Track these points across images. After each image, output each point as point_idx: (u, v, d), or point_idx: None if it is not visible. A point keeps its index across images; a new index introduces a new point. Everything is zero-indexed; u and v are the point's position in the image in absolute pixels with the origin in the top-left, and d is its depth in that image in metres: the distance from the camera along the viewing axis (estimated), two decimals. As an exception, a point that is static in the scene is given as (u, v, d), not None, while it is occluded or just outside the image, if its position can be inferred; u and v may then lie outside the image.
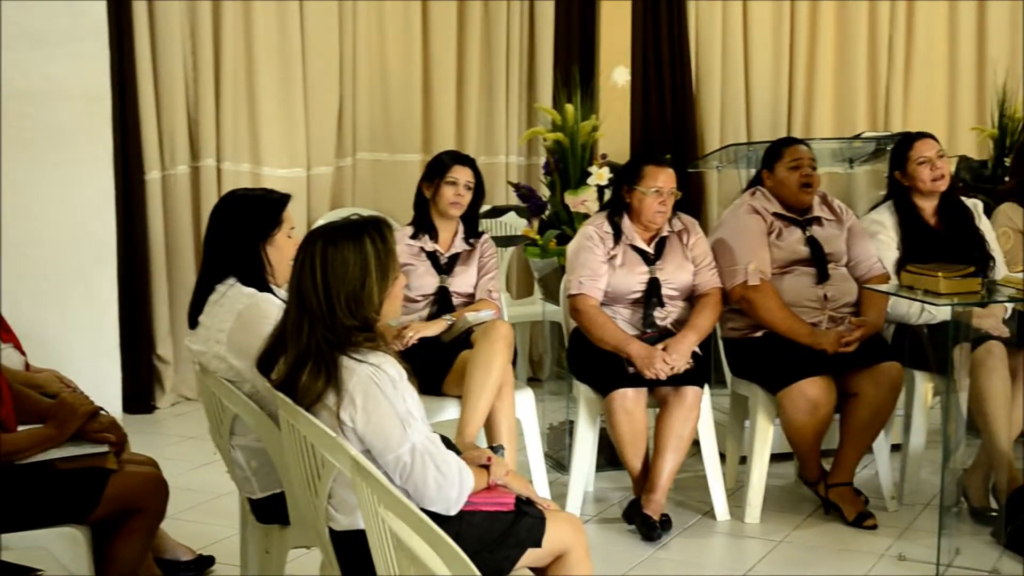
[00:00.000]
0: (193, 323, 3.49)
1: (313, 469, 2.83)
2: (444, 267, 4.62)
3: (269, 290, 3.44)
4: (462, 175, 4.61)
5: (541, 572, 3.01)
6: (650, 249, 4.61)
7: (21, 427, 3.31)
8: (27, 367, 4.09)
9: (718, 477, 4.63)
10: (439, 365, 4.37)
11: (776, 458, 4.76)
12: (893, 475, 4.77)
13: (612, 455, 4.82)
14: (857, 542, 4.38)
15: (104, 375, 5.69)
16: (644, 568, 4.18)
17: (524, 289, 6.95)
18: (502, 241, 5.33)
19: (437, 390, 4.35)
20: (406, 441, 2.76)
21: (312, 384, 2.78)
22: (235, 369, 3.32)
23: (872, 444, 4.65)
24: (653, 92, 6.96)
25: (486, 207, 5.26)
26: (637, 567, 4.18)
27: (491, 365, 4.17)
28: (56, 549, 3.18)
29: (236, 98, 6.36)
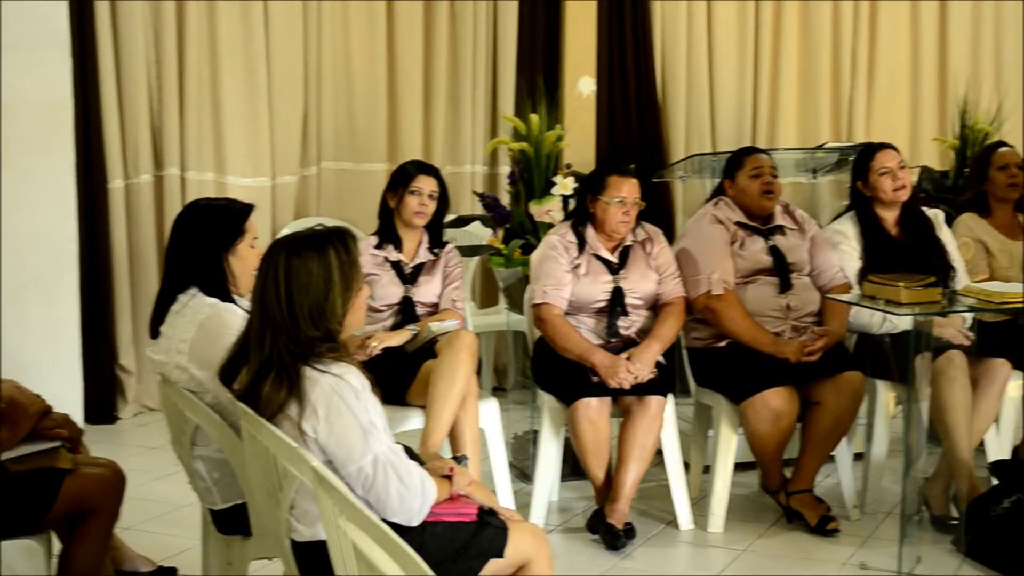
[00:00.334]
0: (155, 333, 3.47)
1: (275, 480, 2.81)
2: (408, 277, 4.61)
3: (231, 300, 3.43)
4: (426, 185, 4.61)
5: (504, 583, 3.01)
6: (614, 258, 4.62)
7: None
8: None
9: (682, 486, 4.64)
10: (403, 375, 4.36)
11: (740, 467, 4.77)
12: (856, 484, 4.80)
13: (576, 465, 4.82)
14: (820, 551, 4.40)
15: (65, 385, 5.63)
16: (608, 577, 4.20)
17: (489, 299, 6.95)
18: (467, 251, 5.32)
19: (401, 400, 4.34)
20: (368, 452, 2.76)
21: (274, 394, 2.77)
22: (197, 379, 3.31)
23: (833, 453, 4.68)
24: (618, 102, 6.98)
25: (451, 217, 5.25)
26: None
27: (455, 375, 4.17)
28: (13, 562, 3.15)
29: (200, 107, 6.34)
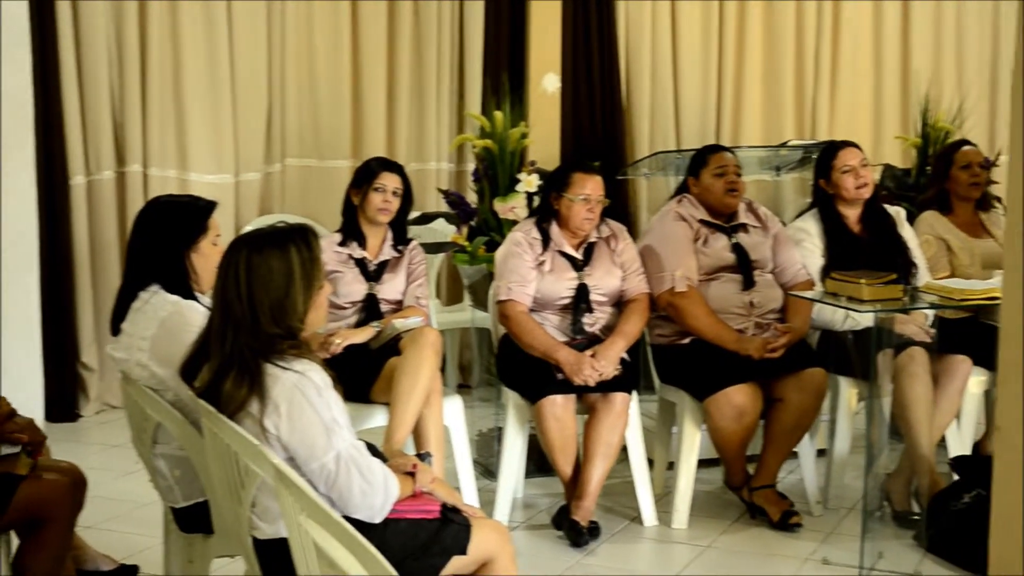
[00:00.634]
0: (115, 330, 3.45)
1: (236, 477, 2.80)
2: (372, 274, 4.60)
3: (193, 298, 3.41)
4: (390, 181, 4.60)
5: (467, 580, 3.01)
6: (578, 255, 4.63)
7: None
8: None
9: (646, 483, 4.65)
10: (367, 372, 4.35)
11: (703, 464, 4.80)
12: (818, 480, 4.83)
13: (541, 461, 4.83)
14: (782, 546, 4.43)
15: (26, 383, 5.60)
16: (572, 574, 4.19)
17: (454, 296, 6.94)
18: (431, 248, 5.32)
19: (365, 397, 4.33)
20: (331, 448, 2.75)
21: (235, 392, 2.76)
22: (158, 377, 3.29)
23: (796, 449, 4.70)
24: (583, 99, 6.99)
25: (415, 214, 5.25)
26: (565, 573, 4.19)
27: (419, 372, 4.16)
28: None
29: (163, 103, 6.30)
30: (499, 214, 5.15)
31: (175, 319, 3.29)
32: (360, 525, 2.74)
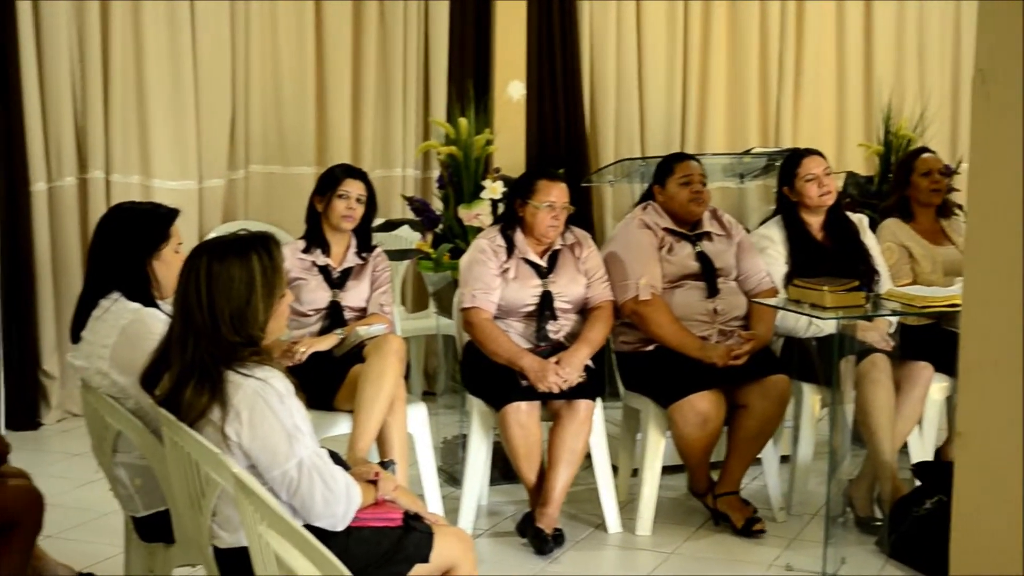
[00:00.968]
0: (76, 338, 3.43)
1: (197, 486, 2.78)
2: (336, 281, 4.58)
3: (154, 305, 3.39)
4: (354, 188, 4.59)
5: (430, 588, 3.00)
6: (543, 262, 4.63)
7: None
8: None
9: (610, 490, 4.65)
10: (331, 380, 4.33)
11: (668, 470, 4.79)
12: (782, 486, 4.84)
13: (506, 468, 4.82)
14: (746, 553, 4.44)
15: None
16: (536, 582, 4.20)
17: (419, 303, 6.93)
18: (395, 255, 5.31)
19: (328, 405, 4.31)
20: (293, 456, 2.74)
21: (196, 399, 2.74)
22: (119, 385, 3.26)
23: (759, 455, 4.72)
24: (548, 106, 6.99)
25: (379, 220, 5.23)
26: (529, 581, 4.19)
27: (383, 379, 4.15)
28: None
29: (125, 108, 6.26)
30: (464, 221, 5.14)
31: (136, 327, 3.27)
32: (322, 533, 2.74)
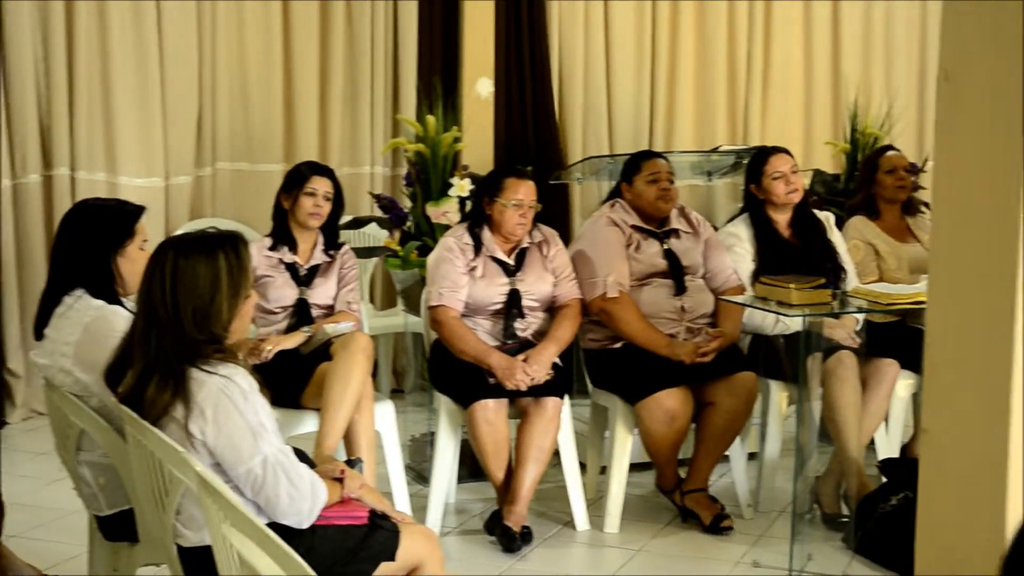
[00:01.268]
0: (39, 335, 3.40)
1: (160, 485, 2.76)
2: (303, 279, 4.56)
3: (118, 302, 3.36)
4: (321, 186, 4.57)
5: (396, 586, 2.99)
6: (510, 260, 4.63)
7: None
8: None
9: (578, 487, 4.65)
10: (298, 377, 4.31)
11: (635, 468, 4.80)
12: (749, 483, 4.85)
13: (474, 466, 4.82)
14: (714, 550, 4.45)
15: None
16: (504, 579, 4.20)
17: (388, 300, 6.91)
18: (363, 252, 5.29)
19: (296, 403, 4.30)
20: (258, 453, 2.72)
21: (159, 396, 2.72)
22: (82, 383, 3.24)
23: (726, 452, 4.73)
24: (516, 104, 6.98)
25: (347, 218, 5.22)
26: (497, 578, 4.19)
27: (350, 377, 4.14)
28: None
29: (91, 104, 6.21)
30: (431, 219, 5.13)
31: (99, 324, 3.24)
32: (288, 531, 2.73)
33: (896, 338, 4.76)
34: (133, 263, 3.36)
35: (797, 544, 4.17)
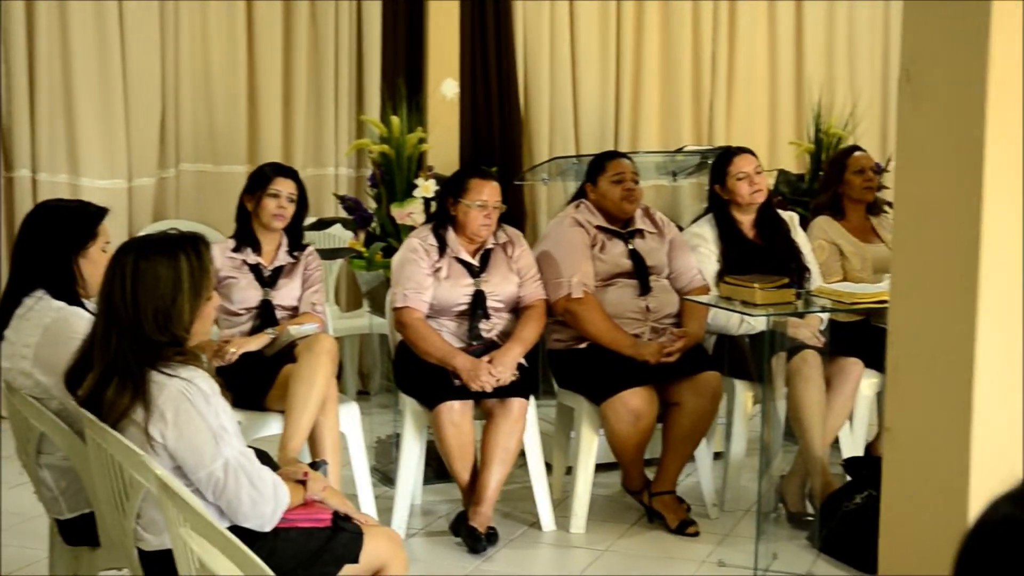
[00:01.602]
0: (-2, 337, 3.36)
1: (121, 488, 2.74)
2: (267, 280, 4.54)
3: (80, 304, 3.33)
4: (284, 187, 4.55)
5: (360, 588, 2.97)
6: (475, 261, 4.62)
7: None
8: None
9: (544, 488, 4.65)
10: (262, 379, 4.29)
11: (601, 468, 4.80)
12: (715, 482, 4.86)
13: (440, 468, 4.81)
14: (679, 549, 4.45)
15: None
16: (470, 581, 4.19)
17: (353, 302, 6.89)
18: (328, 254, 5.26)
19: (260, 405, 4.28)
20: (219, 456, 2.70)
21: (118, 399, 2.70)
22: (42, 385, 3.21)
23: (694, 452, 4.73)
24: (481, 105, 6.98)
25: (312, 219, 5.19)
26: (463, 580, 4.18)
27: (314, 379, 4.12)
28: None
29: (52, 105, 6.15)
30: (396, 220, 5.11)
31: (59, 325, 3.21)
32: (250, 534, 2.71)
33: (860, 337, 4.78)
34: (95, 265, 3.34)
35: (762, 543, 4.18)
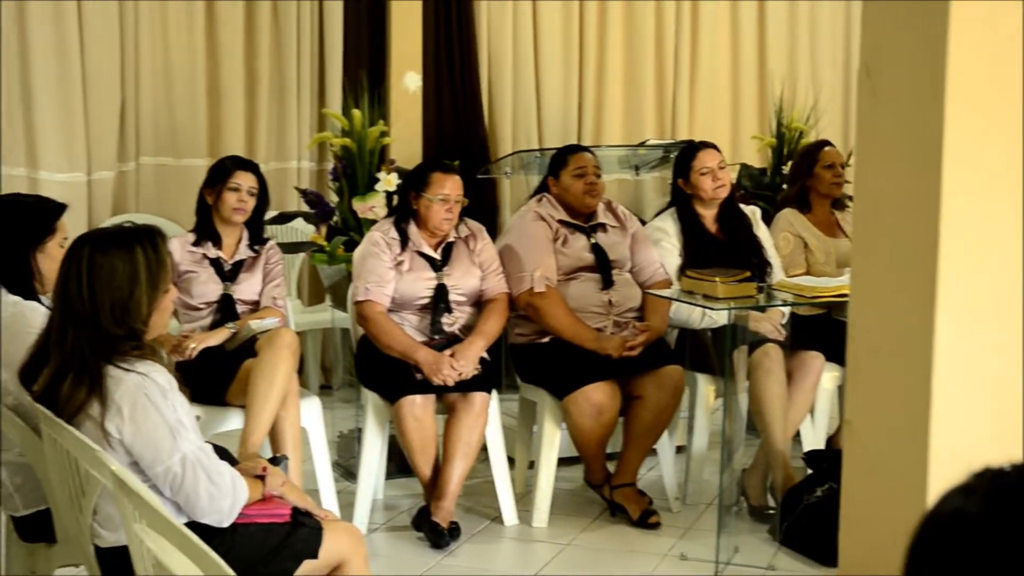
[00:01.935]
0: (-47, 333, 3.32)
1: (77, 484, 2.71)
2: (228, 274, 4.51)
3: (36, 299, 3.30)
4: (245, 181, 4.52)
5: (320, 583, 2.96)
6: (437, 255, 4.60)
7: None
8: None
9: (506, 482, 4.64)
10: (222, 374, 4.26)
11: (564, 462, 4.80)
12: (677, 476, 4.87)
13: (402, 462, 4.79)
14: (642, 543, 4.45)
15: None
16: (432, 574, 4.16)
17: (316, 296, 6.84)
18: (289, 247, 5.24)
19: (220, 400, 4.25)
20: (176, 451, 2.68)
21: (74, 393, 2.67)
22: (-3, 381, 3.17)
23: (655, 446, 4.74)
24: (444, 98, 6.96)
25: (273, 213, 5.16)
26: (426, 574, 4.15)
27: (275, 374, 4.10)
28: None
29: (9, 98, 6.07)
30: (358, 213, 5.09)
31: (16, 320, 3.18)
32: (208, 530, 2.69)
33: (821, 331, 4.80)
34: (52, 260, 3.30)
35: (724, 536, 4.19)
